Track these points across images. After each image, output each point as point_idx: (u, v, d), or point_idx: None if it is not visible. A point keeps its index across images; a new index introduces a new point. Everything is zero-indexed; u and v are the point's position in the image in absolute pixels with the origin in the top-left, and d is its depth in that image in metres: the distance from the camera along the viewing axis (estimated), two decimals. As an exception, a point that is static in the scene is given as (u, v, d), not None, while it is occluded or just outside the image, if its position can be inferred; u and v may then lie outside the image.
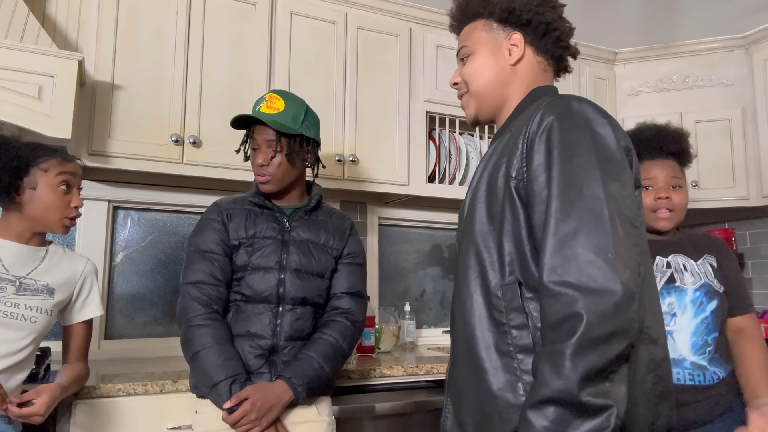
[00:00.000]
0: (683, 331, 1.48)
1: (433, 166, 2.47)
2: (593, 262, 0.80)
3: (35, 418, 1.23)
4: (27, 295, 1.34)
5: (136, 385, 1.56)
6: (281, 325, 1.47)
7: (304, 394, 1.42)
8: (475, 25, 1.13)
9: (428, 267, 2.80)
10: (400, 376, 1.91)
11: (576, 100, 0.93)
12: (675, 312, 1.50)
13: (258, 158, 1.51)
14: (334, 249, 1.58)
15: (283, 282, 1.49)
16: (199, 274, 1.47)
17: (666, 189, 1.55)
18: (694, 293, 1.50)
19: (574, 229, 0.82)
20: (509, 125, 1.06)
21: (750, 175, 2.62)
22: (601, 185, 0.84)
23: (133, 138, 1.90)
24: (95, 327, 2.06)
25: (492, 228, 0.95)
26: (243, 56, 2.10)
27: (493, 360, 0.90)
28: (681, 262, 1.54)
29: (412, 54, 2.43)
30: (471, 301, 0.95)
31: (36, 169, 1.36)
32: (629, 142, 0.94)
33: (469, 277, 0.96)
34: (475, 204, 1.00)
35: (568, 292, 0.80)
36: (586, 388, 0.76)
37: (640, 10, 2.50)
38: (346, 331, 1.53)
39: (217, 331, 1.42)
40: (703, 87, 2.75)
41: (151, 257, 2.24)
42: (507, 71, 1.09)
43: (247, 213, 1.54)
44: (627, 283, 0.79)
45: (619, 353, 0.78)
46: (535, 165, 0.89)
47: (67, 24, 2.00)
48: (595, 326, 0.77)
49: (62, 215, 1.38)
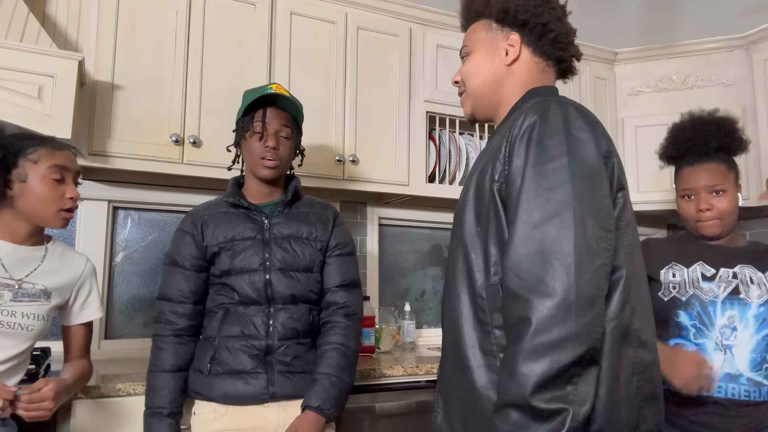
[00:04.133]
0: (743, 347, 1.42)
1: (433, 166, 2.47)
2: (551, 265, 0.81)
3: (45, 404, 1.21)
4: (24, 301, 1.30)
5: (136, 385, 1.56)
6: (274, 325, 1.46)
7: (335, 413, 1.44)
8: (477, 25, 1.15)
9: (428, 267, 2.80)
10: (400, 376, 1.91)
11: (558, 104, 0.93)
12: (735, 326, 1.43)
13: (269, 141, 1.48)
14: (319, 241, 1.54)
15: (270, 283, 1.46)
16: (168, 289, 1.49)
17: (706, 199, 1.49)
18: (758, 308, 1.43)
19: (538, 232, 0.83)
20: (500, 127, 1.07)
21: (750, 175, 2.62)
22: (571, 189, 0.85)
23: (133, 138, 1.90)
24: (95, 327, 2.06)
25: (479, 230, 0.97)
26: (243, 56, 2.10)
27: (478, 358, 0.92)
28: (748, 274, 1.47)
29: (412, 54, 2.43)
30: (458, 300, 0.97)
31: (25, 161, 1.29)
32: (611, 145, 0.94)
33: (457, 278, 0.98)
34: (464, 205, 1.01)
35: (523, 294, 0.82)
36: (539, 393, 0.78)
37: (640, 10, 2.50)
38: (348, 331, 1.52)
39: (173, 356, 1.46)
40: (703, 87, 2.75)
41: (151, 257, 2.24)
42: (503, 71, 1.09)
43: (223, 216, 1.51)
44: (585, 288, 0.80)
45: (576, 358, 0.78)
46: (514, 168, 0.91)
47: (67, 24, 2.00)
48: (543, 331, 0.78)
49: (57, 207, 1.31)
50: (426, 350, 2.43)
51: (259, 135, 1.49)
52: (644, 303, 0.93)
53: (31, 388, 1.22)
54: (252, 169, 1.53)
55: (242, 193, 1.56)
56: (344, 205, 2.56)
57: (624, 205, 0.94)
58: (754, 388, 1.41)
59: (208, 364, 1.44)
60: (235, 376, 1.42)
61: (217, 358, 1.44)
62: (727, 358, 1.43)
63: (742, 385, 1.41)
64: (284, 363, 1.45)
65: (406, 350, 2.42)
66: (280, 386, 1.43)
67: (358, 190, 2.30)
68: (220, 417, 1.42)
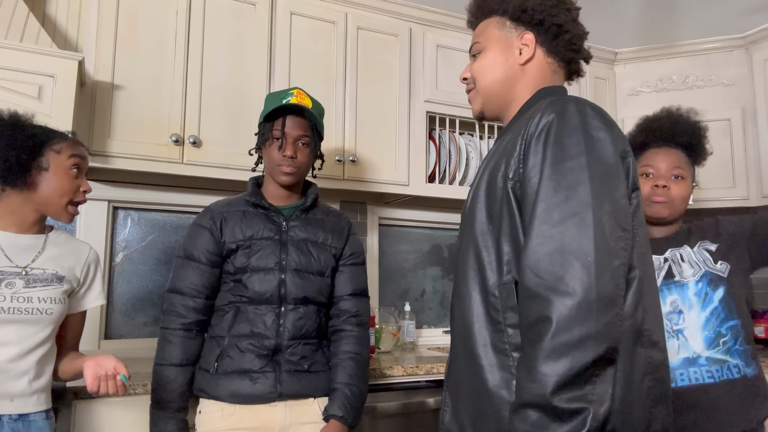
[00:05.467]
0: (693, 328, 1.40)
1: (433, 166, 2.47)
2: (571, 264, 0.80)
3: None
4: (38, 287, 1.32)
5: (136, 385, 1.56)
6: (284, 325, 1.47)
7: (356, 422, 1.50)
8: (489, 22, 1.12)
9: (428, 267, 2.80)
10: (400, 376, 1.91)
11: (575, 103, 0.92)
12: (680, 309, 1.42)
13: (287, 150, 1.50)
14: (333, 248, 1.58)
15: (284, 282, 1.49)
16: (181, 282, 1.49)
17: (666, 178, 1.48)
18: (696, 286, 1.43)
19: (557, 231, 0.83)
20: (512, 125, 1.07)
21: (750, 175, 2.62)
22: (590, 189, 0.84)
23: (133, 138, 1.90)
24: (95, 327, 2.07)
25: (491, 228, 0.96)
26: (243, 56, 2.10)
27: (490, 357, 0.92)
28: (678, 254, 1.47)
29: (412, 54, 2.43)
30: (469, 299, 0.96)
31: (49, 150, 1.34)
32: (627, 145, 0.94)
33: (468, 276, 0.97)
34: (475, 203, 1.00)
35: (543, 293, 0.81)
36: (560, 393, 0.77)
37: (640, 10, 2.50)
38: (361, 340, 1.57)
39: (183, 350, 1.46)
40: (703, 87, 2.75)
41: (151, 257, 2.24)
42: (516, 70, 1.08)
43: (243, 215, 1.53)
44: (605, 287, 0.79)
45: (596, 357, 0.78)
46: (530, 167, 0.90)
47: (67, 24, 2.00)
48: (564, 331, 0.78)
49: (70, 199, 1.36)
50: (426, 350, 2.43)
51: (279, 143, 1.51)
52: (654, 303, 0.93)
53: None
54: (271, 174, 1.56)
55: (261, 193, 1.58)
56: (344, 205, 2.56)
57: (638, 206, 0.94)
58: (715, 366, 1.37)
59: (215, 363, 1.45)
60: (243, 376, 1.43)
61: (224, 356, 1.45)
62: (681, 343, 1.40)
63: (702, 366, 1.37)
64: (292, 363, 1.47)
65: (406, 350, 2.42)
66: (288, 386, 1.45)
67: (358, 190, 2.30)
68: (227, 416, 1.42)
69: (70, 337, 1.45)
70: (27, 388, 1.28)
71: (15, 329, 1.27)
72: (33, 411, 1.29)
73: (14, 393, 1.26)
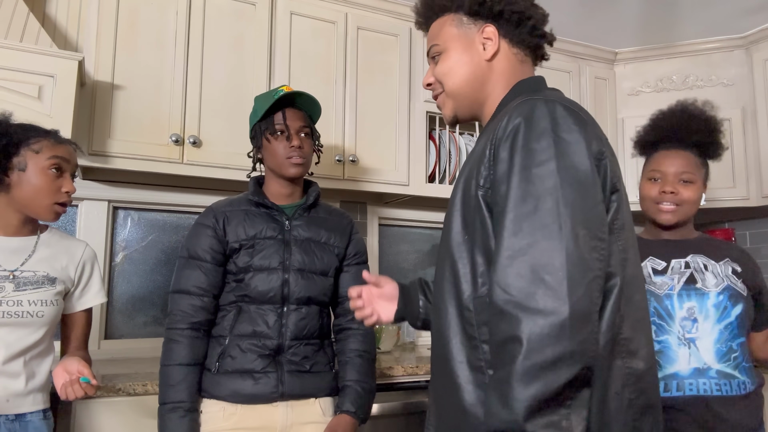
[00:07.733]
0: (706, 338, 1.38)
1: (433, 166, 2.47)
2: (542, 280, 0.75)
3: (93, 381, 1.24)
4: (28, 289, 1.30)
5: (136, 385, 1.56)
6: (287, 325, 1.47)
7: (366, 417, 1.53)
8: (444, 21, 1.05)
9: (428, 267, 2.80)
10: (400, 376, 1.91)
11: (545, 102, 0.87)
12: (696, 317, 1.39)
13: (294, 140, 1.50)
14: (336, 247, 1.58)
15: (287, 282, 1.48)
16: (186, 282, 1.47)
17: (674, 183, 1.45)
18: (717, 297, 1.39)
19: (526, 244, 0.78)
20: (488, 126, 1.00)
21: (750, 175, 2.62)
22: (560, 197, 0.79)
23: (133, 138, 1.90)
24: (95, 327, 2.06)
25: (466, 238, 0.91)
26: (243, 56, 2.10)
27: (465, 375, 0.87)
28: (701, 262, 1.43)
29: (412, 54, 2.43)
30: (446, 313, 0.92)
31: (27, 150, 1.29)
32: (603, 145, 0.88)
33: (443, 288, 0.93)
34: (451, 212, 0.95)
35: (511, 311, 0.75)
36: (532, 419, 0.72)
37: (640, 10, 2.50)
38: (367, 338, 1.58)
39: (189, 349, 1.44)
40: (703, 87, 2.75)
41: (151, 257, 2.24)
42: (483, 67, 1.02)
43: (245, 214, 1.52)
44: (578, 304, 0.74)
45: (570, 378, 0.73)
46: (499, 174, 0.85)
47: (67, 24, 2.00)
48: (535, 352, 0.73)
49: (52, 200, 1.31)
50: (426, 350, 2.43)
51: (285, 135, 1.51)
52: (637, 308, 0.88)
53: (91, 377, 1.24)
54: (278, 170, 1.53)
55: (264, 192, 1.58)
56: (344, 205, 2.56)
57: (618, 208, 0.88)
58: (724, 380, 1.36)
59: (217, 363, 1.44)
60: (245, 375, 1.43)
61: (226, 356, 1.44)
62: (693, 352, 1.38)
63: (711, 378, 1.36)
64: (294, 363, 1.46)
65: (406, 350, 2.42)
66: (290, 386, 1.45)
67: (358, 190, 2.30)
68: (229, 416, 1.42)
69: (74, 336, 1.44)
70: (22, 388, 1.28)
71: (5, 332, 1.26)
72: (29, 411, 1.29)
73: (9, 393, 1.26)
